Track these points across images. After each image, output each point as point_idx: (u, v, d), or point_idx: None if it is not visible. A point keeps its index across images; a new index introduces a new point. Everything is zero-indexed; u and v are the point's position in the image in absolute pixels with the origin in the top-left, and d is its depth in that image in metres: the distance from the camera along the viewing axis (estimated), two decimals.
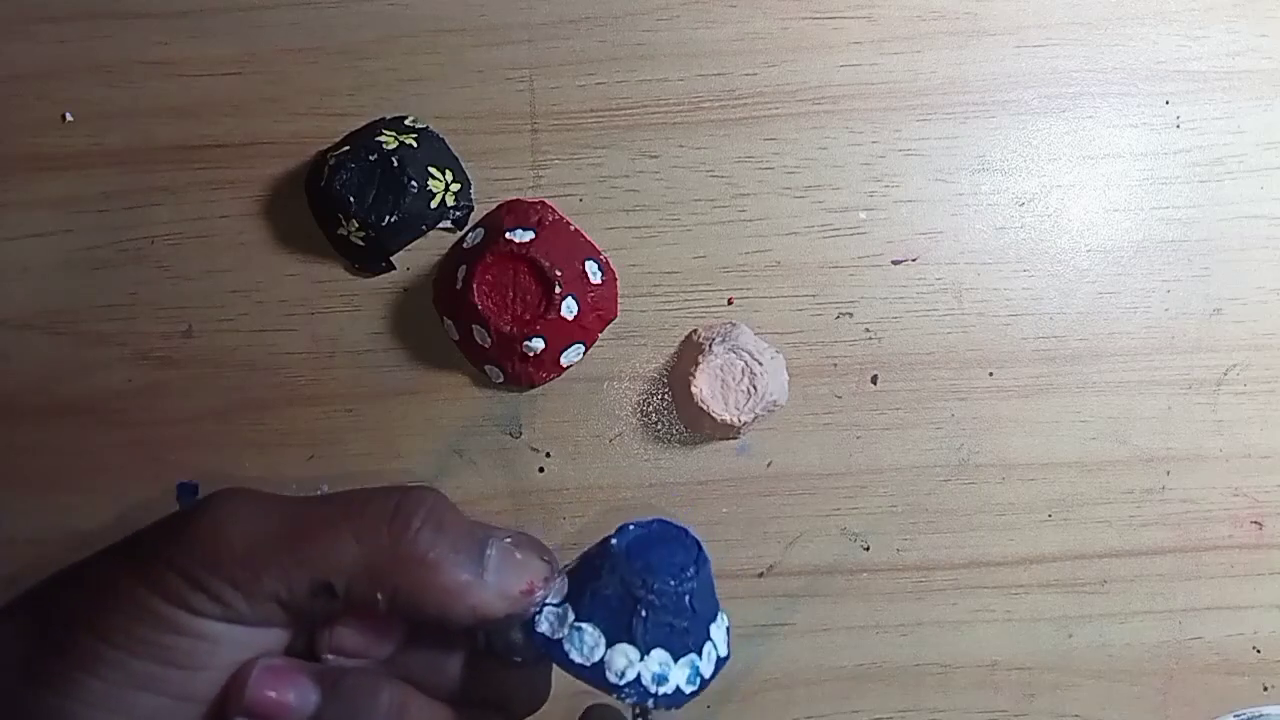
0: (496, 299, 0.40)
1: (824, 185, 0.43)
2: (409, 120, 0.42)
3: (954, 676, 0.44)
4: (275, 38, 0.42)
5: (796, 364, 0.43)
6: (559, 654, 0.26)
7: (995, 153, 0.43)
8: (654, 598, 0.26)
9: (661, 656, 0.26)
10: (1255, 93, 0.43)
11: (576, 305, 0.40)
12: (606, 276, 0.42)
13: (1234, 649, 0.44)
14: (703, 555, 0.28)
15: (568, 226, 0.42)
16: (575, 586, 0.27)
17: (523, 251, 0.40)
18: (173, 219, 0.42)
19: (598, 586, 0.27)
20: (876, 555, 0.43)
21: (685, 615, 0.27)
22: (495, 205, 0.42)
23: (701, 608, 0.27)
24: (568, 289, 0.40)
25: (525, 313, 0.40)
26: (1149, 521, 0.44)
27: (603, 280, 0.42)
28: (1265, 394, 0.43)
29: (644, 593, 0.26)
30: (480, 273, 0.40)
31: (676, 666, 0.26)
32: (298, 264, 0.42)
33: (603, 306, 0.42)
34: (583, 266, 0.41)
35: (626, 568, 0.26)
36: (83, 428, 0.42)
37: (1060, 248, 0.43)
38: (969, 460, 0.43)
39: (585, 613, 0.26)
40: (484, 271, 0.40)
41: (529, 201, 0.42)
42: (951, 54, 0.43)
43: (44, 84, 0.42)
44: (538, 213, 0.41)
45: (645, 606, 0.26)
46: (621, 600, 0.26)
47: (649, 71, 0.43)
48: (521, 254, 0.40)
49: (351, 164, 0.40)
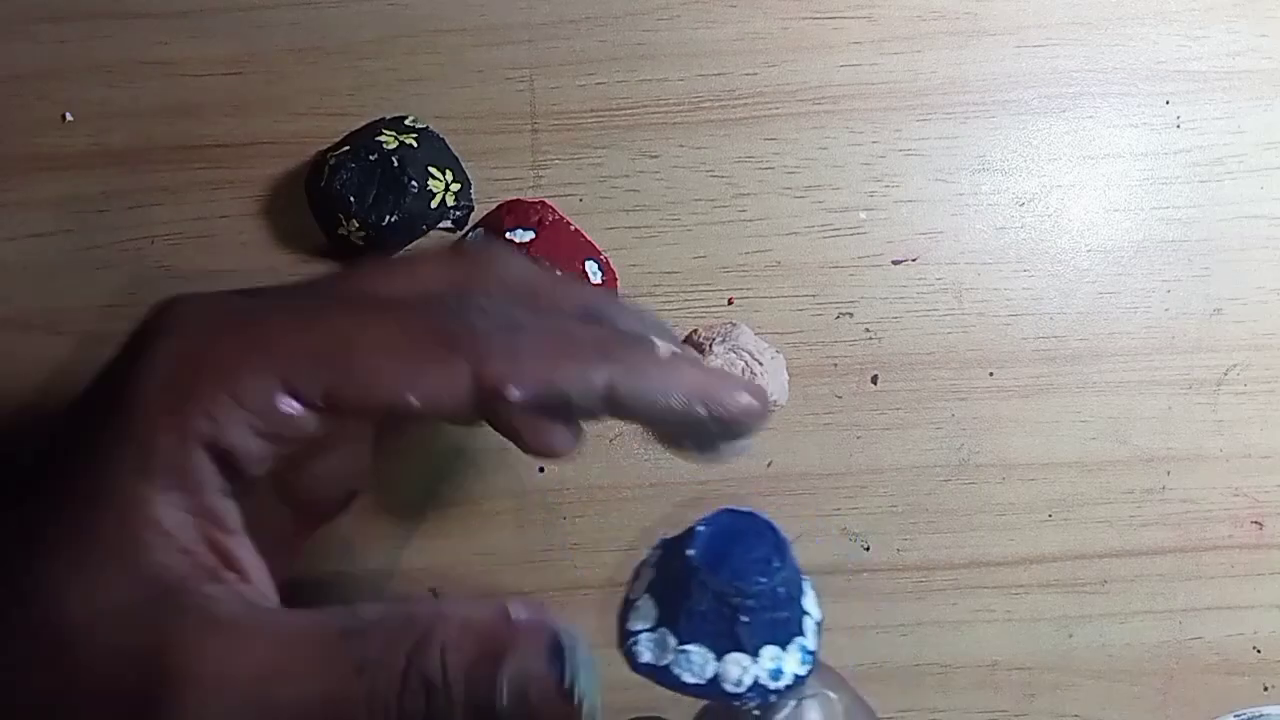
0: None
1: (824, 185, 0.43)
2: (409, 120, 0.42)
3: (954, 676, 0.44)
4: (275, 38, 0.42)
5: (796, 364, 0.43)
6: (671, 680, 0.26)
7: (995, 153, 0.43)
8: (751, 601, 0.26)
9: (772, 652, 0.26)
10: (1255, 93, 0.43)
11: None
12: (607, 277, 0.42)
13: (1234, 649, 0.44)
14: (780, 537, 0.27)
15: (568, 226, 0.42)
16: (665, 608, 0.26)
17: (523, 252, 0.40)
18: (173, 219, 0.42)
19: (691, 605, 0.26)
20: (876, 555, 0.43)
21: (783, 604, 0.26)
22: (495, 205, 0.42)
23: (793, 588, 0.27)
24: None
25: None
26: (1149, 521, 0.44)
27: (603, 280, 0.42)
28: (1265, 394, 0.43)
29: (740, 599, 0.26)
30: None
31: (787, 655, 0.26)
32: (298, 264, 0.42)
33: None
34: (583, 267, 0.41)
35: (714, 580, 0.26)
36: None
37: (1060, 248, 0.43)
38: (969, 460, 0.43)
39: (686, 634, 0.26)
40: None
41: (529, 201, 0.42)
42: (951, 54, 0.43)
43: (44, 84, 0.42)
44: (538, 213, 0.41)
45: (745, 612, 0.26)
46: (719, 612, 0.26)
47: (649, 71, 0.43)
48: (522, 254, 0.40)
49: (351, 164, 0.40)
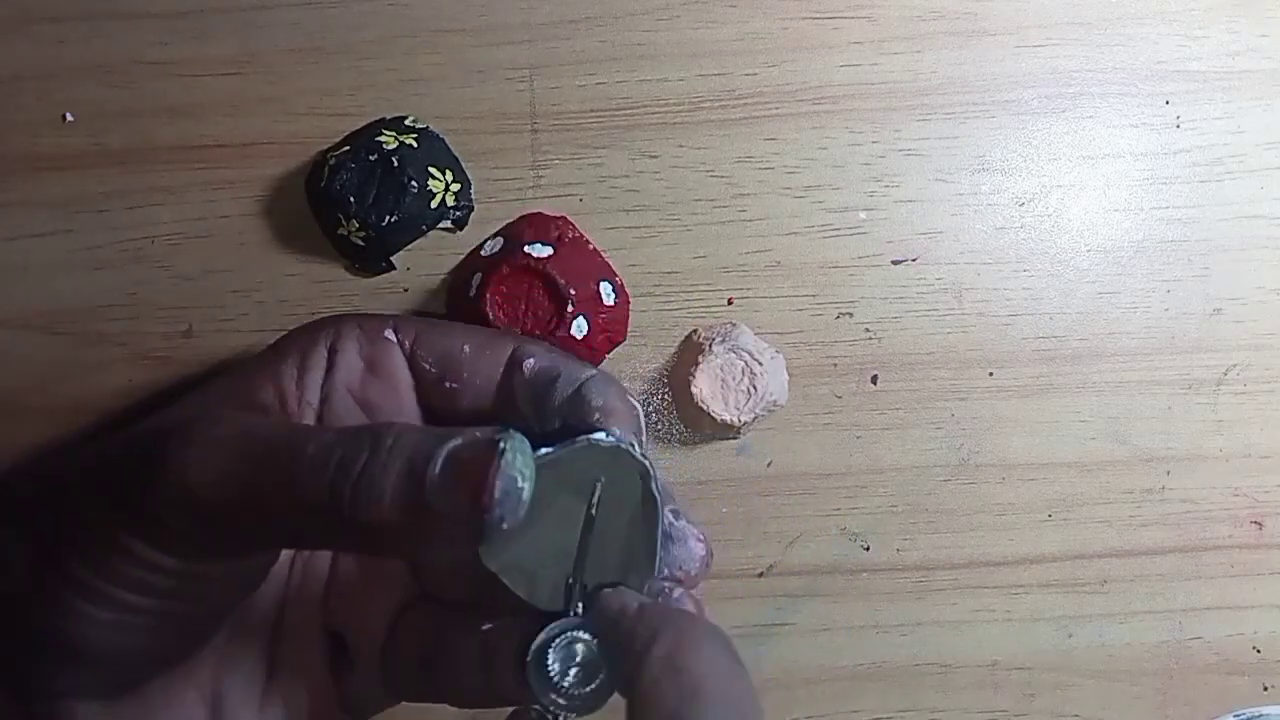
0: (508, 310, 0.40)
1: (824, 185, 0.43)
2: (409, 120, 0.42)
3: (954, 676, 0.44)
4: (275, 38, 0.42)
5: (796, 364, 0.43)
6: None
7: (995, 153, 0.43)
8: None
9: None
10: (1255, 93, 0.43)
11: (587, 325, 0.40)
12: (619, 299, 0.42)
13: (1234, 649, 0.44)
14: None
15: (586, 245, 0.42)
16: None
17: (540, 267, 0.40)
18: (173, 219, 0.42)
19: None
20: (876, 555, 0.43)
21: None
22: (516, 217, 0.42)
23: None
24: (580, 309, 0.40)
25: (535, 328, 0.40)
26: (1149, 521, 0.44)
27: (615, 303, 0.42)
28: (1265, 394, 0.43)
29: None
30: (495, 283, 0.40)
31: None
32: (298, 264, 0.42)
33: (612, 328, 0.42)
34: (597, 287, 0.41)
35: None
36: (83, 428, 0.42)
37: (1060, 248, 0.43)
38: (969, 460, 0.43)
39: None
40: (499, 283, 0.40)
41: (551, 216, 0.42)
42: (951, 54, 0.43)
43: (44, 84, 0.42)
44: (558, 229, 0.41)
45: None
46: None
47: (649, 71, 0.43)
48: (538, 269, 0.40)
49: (351, 164, 0.40)
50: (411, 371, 0.33)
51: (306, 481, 0.25)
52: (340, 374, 0.32)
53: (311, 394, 0.32)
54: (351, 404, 0.32)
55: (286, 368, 0.32)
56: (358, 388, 0.32)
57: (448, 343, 0.32)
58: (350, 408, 0.32)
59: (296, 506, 0.26)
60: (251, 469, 0.26)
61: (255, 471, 0.26)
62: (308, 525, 0.26)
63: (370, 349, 0.32)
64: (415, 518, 0.25)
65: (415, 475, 0.25)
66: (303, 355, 0.32)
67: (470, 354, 0.32)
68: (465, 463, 0.25)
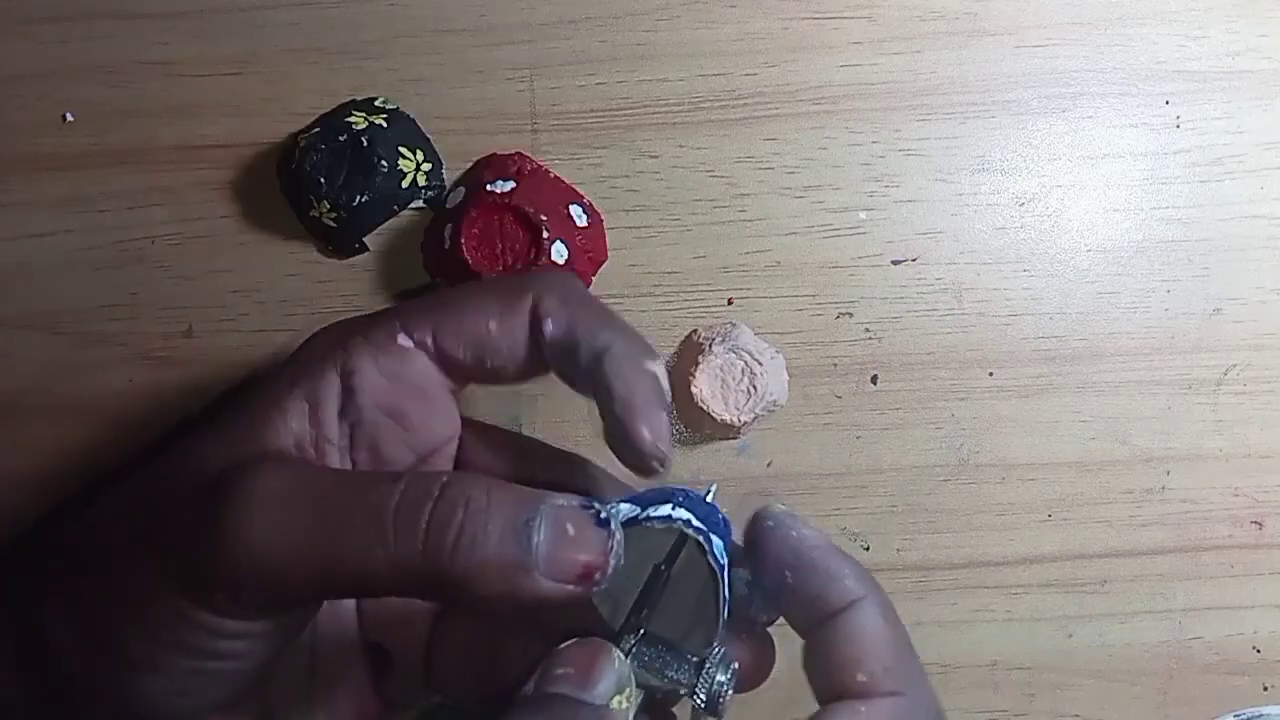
0: (486, 251, 0.40)
1: (824, 185, 0.43)
2: (379, 101, 0.42)
3: (954, 676, 0.44)
4: (275, 38, 0.42)
5: (796, 364, 0.43)
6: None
7: (995, 153, 0.43)
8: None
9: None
10: (1255, 93, 0.43)
11: (566, 249, 0.40)
12: (592, 219, 0.42)
13: (1234, 649, 0.44)
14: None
15: (547, 174, 0.42)
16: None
17: (506, 200, 0.39)
18: (173, 219, 0.42)
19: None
20: (876, 555, 0.43)
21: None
22: (471, 163, 0.42)
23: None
24: (555, 233, 0.40)
25: (516, 261, 0.39)
26: (1149, 521, 0.44)
27: (589, 223, 0.41)
28: (1265, 394, 0.43)
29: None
30: (466, 227, 0.39)
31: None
32: (298, 264, 0.42)
33: (592, 248, 0.42)
34: (567, 210, 0.41)
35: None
36: (83, 428, 0.42)
37: (1060, 248, 0.43)
38: (969, 460, 0.43)
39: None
40: (470, 226, 0.39)
41: (505, 154, 0.42)
42: (951, 54, 0.43)
43: (44, 84, 0.42)
44: (516, 163, 0.41)
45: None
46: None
47: (649, 71, 0.43)
48: (505, 203, 0.39)
49: (321, 145, 0.40)
50: (441, 365, 0.31)
51: (391, 541, 0.25)
52: (364, 396, 0.30)
53: (330, 429, 0.29)
54: (383, 419, 0.30)
55: (294, 405, 0.29)
56: (385, 402, 0.30)
57: (472, 323, 0.30)
58: (384, 423, 0.30)
59: (375, 561, 0.25)
60: (321, 524, 0.25)
61: (325, 527, 0.25)
62: (384, 580, 0.25)
63: (387, 360, 0.30)
64: (519, 578, 0.25)
65: (519, 539, 0.25)
66: (310, 389, 0.29)
67: (498, 330, 0.30)
68: (573, 540, 0.25)
